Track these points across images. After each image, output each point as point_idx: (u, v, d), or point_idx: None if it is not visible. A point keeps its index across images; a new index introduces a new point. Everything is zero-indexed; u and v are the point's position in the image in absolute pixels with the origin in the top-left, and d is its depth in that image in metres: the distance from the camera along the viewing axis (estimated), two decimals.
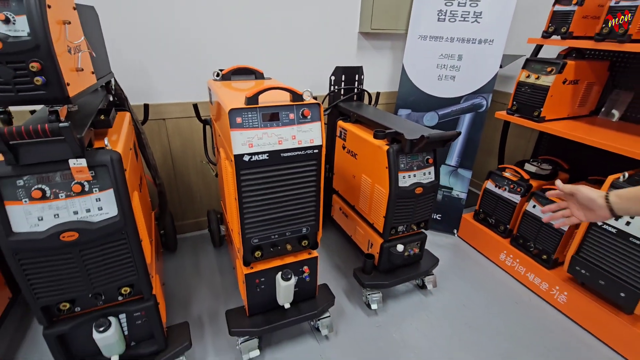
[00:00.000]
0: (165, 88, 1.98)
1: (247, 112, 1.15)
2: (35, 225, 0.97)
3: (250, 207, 1.27)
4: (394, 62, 2.53)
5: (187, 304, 1.81)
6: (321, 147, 1.28)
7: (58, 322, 1.13)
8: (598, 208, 0.84)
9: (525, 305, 1.90)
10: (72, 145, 0.92)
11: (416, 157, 1.62)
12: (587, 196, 0.86)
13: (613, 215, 0.83)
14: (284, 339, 1.62)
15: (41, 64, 0.84)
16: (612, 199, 0.82)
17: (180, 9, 1.85)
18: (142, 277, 1.17)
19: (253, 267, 1.42)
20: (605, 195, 0.83)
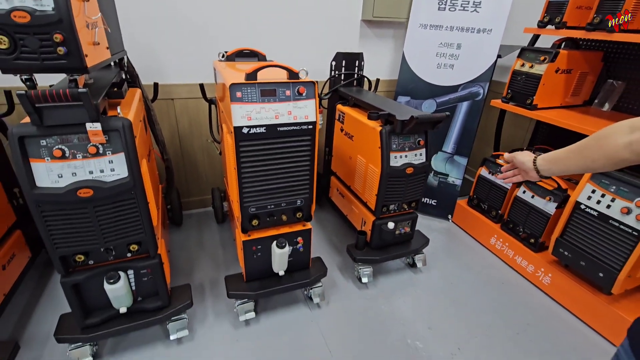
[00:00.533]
0: (174, 69, 2.09)
1: (247, 87, 1.25)
2: (56, 181, 1.09)
3: (248, 177, 1.38)
4: (395, 50, 2.60)
5: (190, 272, 1.94)
6: (315, 124, 1.38)
7: (74, 273, 1.26)
8: (529, 170, 0.97)
9: (511, 286, 1.98)
10: (89, 110, 1.03)
11: (408, 138, 1.71)
12: (520, 161, 1.01)
13: (540, 175, 0.96)
14: (278, 306, 1.74)
15: (63, 36, 0.95)
16: (538, 162, 0.95)
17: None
18: (148, 236, 1.29)
19: (250, 234, 1.53)
20: (534, 159, 0.96)
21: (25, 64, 0.96)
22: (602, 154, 0.77)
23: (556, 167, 0.91)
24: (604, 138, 0.77)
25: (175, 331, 1.49)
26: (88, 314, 1.35)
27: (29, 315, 1.61)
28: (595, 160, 0.79)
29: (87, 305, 1.35)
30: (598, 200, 1.63)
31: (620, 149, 0.73)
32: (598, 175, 1.64)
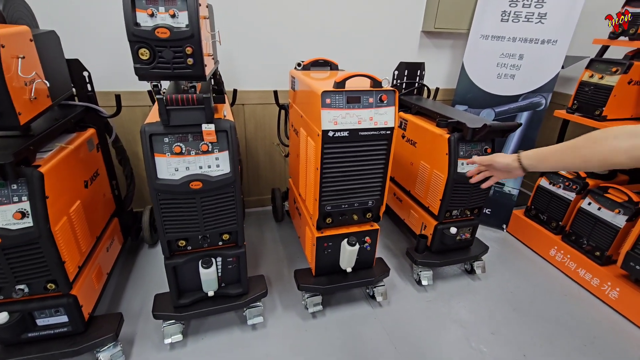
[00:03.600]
0: (248, 76, 2.26)
1: (335, 94, 1.36)
2: (173, 174, 1.25)
3: (329, 177, 1.48)
4: (453, 60, 2.65)
5: (256, 266, 2.07)
6: (393, 129, 1.47)
7: (175, 256, 1.42)
8: (514, 169, 1.06)
9: (574, 298, 1.95)
10: (208, 113, 1.18)
11: (475, 146, 1.75)
12: (503, 163, 1.08)
13: (525, 172, 1.04)
14: (342, 302, 1.83)
15: (193, 49, 1.11)
16: (523, 160, 1.03)
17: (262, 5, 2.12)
18: (239, 227, 1.43)
19: (323, 232, 1.64)
20: (518, 158, 1.04)
21: (160, 73, 1.13)
22: (598, 155, 0.82)
23: (544, 164, 0.98)
24: (602, 140, 0.82)
25: (252, 317, 1.62)
26: (181, 295, 1.51)
27: (120, 294, 1.80)
28: (588, 161, 0.85)
29: (181, 287, 1.50)
30: None
31: (620, 153, 0.78)
32: None
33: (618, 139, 0.79)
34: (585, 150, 0.86)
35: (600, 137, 0.83)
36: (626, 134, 0.78)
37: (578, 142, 0.88)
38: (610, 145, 0.80)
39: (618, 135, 0.80)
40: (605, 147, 0.81)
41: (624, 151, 0.78)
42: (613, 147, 0.80)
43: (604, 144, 0.82)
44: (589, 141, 0.86)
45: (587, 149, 0.86)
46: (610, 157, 0.80)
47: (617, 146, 0.79)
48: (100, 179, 1.64)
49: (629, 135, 0.77)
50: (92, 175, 1.56)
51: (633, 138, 0.76)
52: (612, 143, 0.80)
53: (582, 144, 0.87)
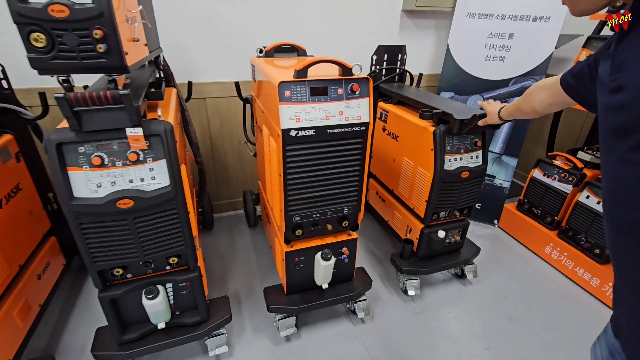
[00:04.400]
0: (206, 67, 1.99)
1: (296, 85, 1.12)
2: (94, 191, 1.00)
3: (294, 184, 1.26)
4: (438, 42, 2.42)
5: (224, 280, 1.85)
6: (368, 125, 1.24)
7: (111, 287, 1.18)
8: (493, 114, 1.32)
9: (573, 301, 1.79)
10: (131, 113, 0.93)
11: (464, 139, 1.55)
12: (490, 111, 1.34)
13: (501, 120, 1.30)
14: (319, 320, 1.62)
15: (104, 32, 0.85)
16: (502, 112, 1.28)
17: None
18: (189, 248, 1.19)
19: (293, 245, 1.42)
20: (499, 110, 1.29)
21: (63, 64, 0.87)
22: (530, 109, 1.03)
23: (509, 117, 1.25)
24: (529, 97, 1.02)
25: (214, 347, 1.40)
26: (125, 328, 1.27)
27: (63, 326, 1.55)
28: (529, 113, 1.05)
29: (125, 319, 1.27)
30: None
31: (537, 104, 0.97)
32: None
33: (535, 94, 0.98)
34: (524, 107, 1.07)
35: (528, 93, 1.03)
36: (539, 87, 0.96)
37: (521, 100, 1.09)
38: (532, 101, 0.99)
39: (535, 90, 0.98)
40: (531, 103, 1.00)
41: (538, 102, 0.96)
42: (534, 101, 0.99)
43: (531, 100, 1.01)
44: (524, 98, 1.06)
45: (524, 105, 1.07)
46: (535, 110, 1.00)
47: (535, 100, 0.98)
48: (23, 195, 1.38)
49: (542, 88, 0.94)
50: (10, 191, 1.30)
51: (540, 92, 0.95)
52: (533, 99, 0.99)
53: (522, 102, 1.08)
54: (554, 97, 0.89)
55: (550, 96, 0.91)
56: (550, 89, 0.90)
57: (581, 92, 0.80)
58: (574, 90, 0.81)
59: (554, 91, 0.87)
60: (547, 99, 0.93)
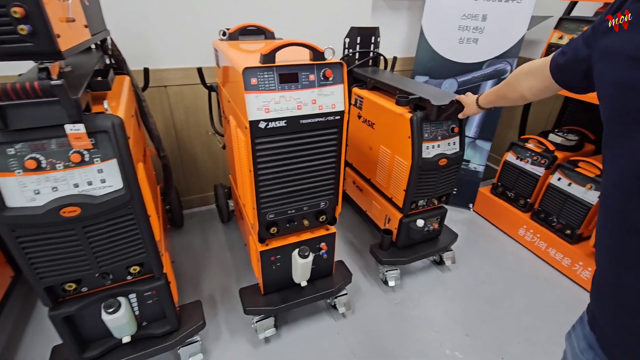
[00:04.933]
0: (166, 52, 1.82)
1: (263, 72, 1.01)
2: (32, 199, 0.86)
3: (266, 179, 1.16)
4: (411, 24, 2.35)
5: (197, 282, 1.75)
6: (343, 113, 1.16)
7: (64, 303, 1.05)
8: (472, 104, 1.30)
9: (546, 282, 1.84)
10: (68, 108, 0.79)
11: (441, 125, 1.50)
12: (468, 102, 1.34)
13: (479, 107, 1.27)
14: (299, 317, 1.57)
15: (25, 10, 0.70)
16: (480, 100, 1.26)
17: None
18: (151, 255, 1.08)
19: (268, 243, 1.33)
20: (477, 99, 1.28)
21: None
22: (516, 96, 0.97)
23: (489, 105, 1.22)
24: (514, 83, 0.96)
25: (187, 357, 1.31)
26: (85, 346, 1.16)
27: (16, 343, 1.40)
28: (516, 100, 1.00)
29: (84, 336, 1.15)
30: None
31: (525, 91, 0.91)
32: None
33: (520, 80, 0.92)
34: (509, 95, 1.02)
35: (513, 80, 0.97)
36: (525, 73, 0.90)
37: (503, 89, 1.05)
38: (520, 88, 0.93)
39: (520, 76, 0.92)
40: (517, 90, 0.94)
41: (528, 89, 0.90)
42: (521, 88, 0.92)
43: (516, 87, 0.95)
44: (507, 86, 1.01)
45: (509, 93, 1.01)
46: (522, 97, 0.94)
47: (523, 87, 0.91)
48: None
49: (528, 74, 0.88)
50: None
51: (529, 78, 0.88)
52: (520, 85, 0.92)
53: (505, 90, 1.03)
54: (546, 81, 0.80)
55: (541, 81, 0.83)
56: (540, 74, 0.82)
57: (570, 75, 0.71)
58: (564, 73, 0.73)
59: (544, 76, 0.79)
60: (538, 85, 0.85)
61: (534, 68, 0.85)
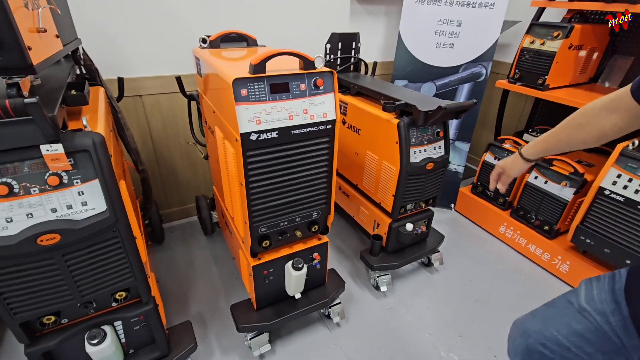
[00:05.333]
0: (140, 59, 1.73)
1: (254, 82, 0.98)
2: (4, 228, 0.78)
3: (258, 192, 1.12)
4: (388, 29, 2.38)
5: (184, 300, 1.67)
6: (335, 122, 1.14)
7: (42, 338, 0.96)
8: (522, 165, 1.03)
9: (528, 276, 1.91)
10: (43, 127, 0.72)
11: (426, 130, 1.52)
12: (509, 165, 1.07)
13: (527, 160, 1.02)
14: (293, 330, 1.53)
15: None
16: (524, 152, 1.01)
17: None
18: (139, 279, 1.01)
19: (260, 257, 1.29)
20: (519, 152, 1.02)
21: None
22: (592, 137, 0.83)
23: (543, 153, 0.98)
24: (588, 125, 0.83)
25: None
26: None
27: None
28: (588, 142, 0.85)
29: None
30: (625, 185, 1.55)
31: (608, 130, 0.79)
32: (623, 159, 1.56)
33: (600, 118, 0.79)
34: (579, 137, 0.86)
35: (585, 122, 0.83)
36: (604, 112, 0.79)
37: (570, 131, 0.88)
38: (599, 126, 0.80)
39: (598, 114, 0.80)
40: (595, 129, 0.81)
41: (611, 128, 0.78)
42: (601, 127, 0.80)
43: (592, 127, 0.82)
44: (577, 129, 0.86)
45: (580, 135, 0.86)
46: (603, 136, 0.81)
47: (605, 125, 0.79)
48: None
49: (607, 111, 0.78)
50: None
51: (612, 113, 0.77)
52: (599, 124, 0.80)
53: (574, 133, 0.87)
54: (629, 115, 0.73)
55: (625, 117, 0.75)
56: (621, 109, 0.74)
57: None
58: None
59: (629, 108, 0.72)
60: (621, 121, 0.75)
61: (613, 104, 0.76)
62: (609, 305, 0.71)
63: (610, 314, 0.70)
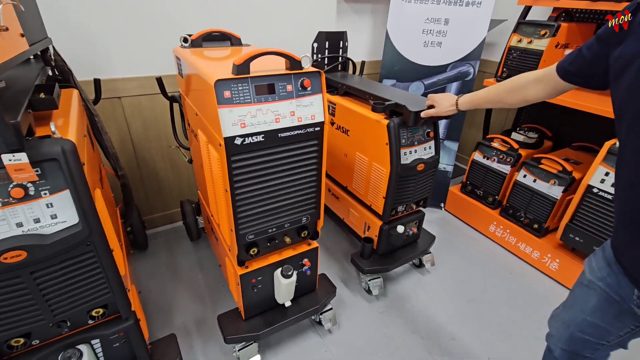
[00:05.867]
0: (119, 60, 1.65)
1: (237, 83, 0.93)
2: None
3: (244, 198, 1.07)
4: (375, 28, 2.35)
5: (169, 310, 1.60)
6: (323, 124, 1.10)
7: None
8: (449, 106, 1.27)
9: (519, 275, 1.91)
10: (5, 135, 0.66)
11: (417, 130, 1.49)
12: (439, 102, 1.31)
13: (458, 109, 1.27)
14: (284, 339, 1.48)
15: None
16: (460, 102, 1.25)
17: None
18: (117, 295, 0.95)
19: (248, 266, 1.24)
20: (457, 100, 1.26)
21: None
22: (518, 100, 1.01)
23: (473, 107, 1.22)
24: (517, 90, 0.99)
25: None
26: None
27: None
28: (512, 105, 1.04)
29: None
30: (613, 183, 1.55)
31: (530, 98, 0.96)
32: (611, 157, 1.56)
33: (529, 87, 0.95)
34: (507, 100, 1.04)
35: (515, 87, 1.00)
36: (532, 81, 0.94)
37: (500, 94, 1.05)
38: (526, 93, 0.96)
39: (528, 83, 0.95)
40: (523, 95, 0.98)
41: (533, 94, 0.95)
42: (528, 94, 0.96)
43: (521, 93, 0.98)
44: (506, 92, 1.03)
45: (508, 98, 1.04)
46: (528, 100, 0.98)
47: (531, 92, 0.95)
48: None
49: (535, 81, 0.93)
50: None
51: (538, 84, 0.92)
52: (527, 91, 0.96)
53: (504, 96, 1.04)
54: (551, 88, 0.89)
55: (547, 88, 0.91)
56: (546, 81, 0.90)
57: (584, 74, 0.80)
58: (576, 75, 0.82)
59: (553, 82, 0.87)
60: (544, 91, 0.92)
61: (541, 77, 0.91)
62: (605, 270, 0.82)
63: (607, 276, 0.82)
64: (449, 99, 1.28)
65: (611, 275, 0.81)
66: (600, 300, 0.84)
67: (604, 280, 0.83)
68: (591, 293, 0.86)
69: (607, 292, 0.82)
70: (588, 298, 0.87)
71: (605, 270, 0.82)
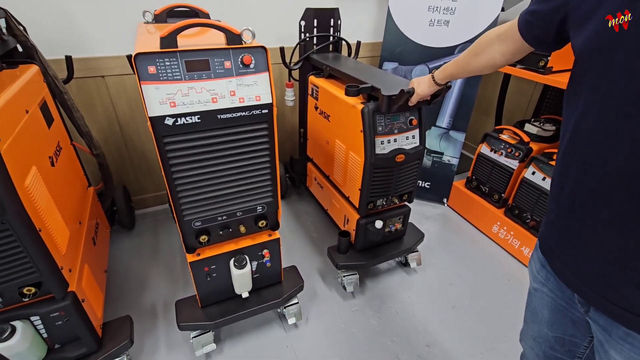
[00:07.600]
0: (102, 38, 1.64)
1: (163, 58, 0.85)
2: None
3: (185, 183, 1.01)
4: (378, 5, 2.17)
5: (141, 290, 1.61)
6: (271, 106, 1.01)
7: None
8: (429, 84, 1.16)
9: (519, 283, 1.72)
10: None
11: (397, 117, 1.35)
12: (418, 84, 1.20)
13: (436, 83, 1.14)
14: (247, 329, 1.44)
15: None
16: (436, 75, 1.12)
17: None
18: (47, 275, 0.94)
19: (200, 253, 1.19)
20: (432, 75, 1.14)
21: None
22: (484, 65, 0.89)
23: (448, 79, 1.11)
24: (482, 53, 0.88)
25: None
26: None
27: None
28: (481, 70, 0.92)
29: None
30: None
31: (497, 60, 0.85)
32: None
33: (491, 47, 0.84)
34: (474, 64, 0.92)
35: (480, 50, 0.88)
36: (494, 39, 0.83)
37: (467, 59, 0.94)
38: (490, 55, 0.85)
39: (489, 43, 0.84)
40: (487, 58, 0.86)
41: (500, 56, 0.83)
42: (492, 56, 0.85)
43: (485, 56, 0.87)
44: (473, 56, 0.91)
45: (475, 63, 0.91)
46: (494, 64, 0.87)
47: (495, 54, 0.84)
48: None
49: (497, 39, 0.82)
50: None
51: (501, 42, 0.81)
52: (490, 53, 0.85)
53: (471, 60, 0.92)
54: (517, 44, 0.77)
55: (512, 44, 0.79)
56: (511, 37, 0.78)
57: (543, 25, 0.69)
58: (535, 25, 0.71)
59: (515, 38, 0.76)
60: (509, 49, 0.80)
61: (502, 33, 0.80)
62: (542, 274, 0.75)
63: (545, 281, 0.75)
64: (425, 78, 1.17)
65: (549, 279, 0.73)
66: (551, 309, 0.76)
67: (545, 285, 0.75)
68: (542, 303, 0.78)
69: (554, 298, 0.74)
70: (541, 309, 0.79)
71: (543, 274, 0.75)
